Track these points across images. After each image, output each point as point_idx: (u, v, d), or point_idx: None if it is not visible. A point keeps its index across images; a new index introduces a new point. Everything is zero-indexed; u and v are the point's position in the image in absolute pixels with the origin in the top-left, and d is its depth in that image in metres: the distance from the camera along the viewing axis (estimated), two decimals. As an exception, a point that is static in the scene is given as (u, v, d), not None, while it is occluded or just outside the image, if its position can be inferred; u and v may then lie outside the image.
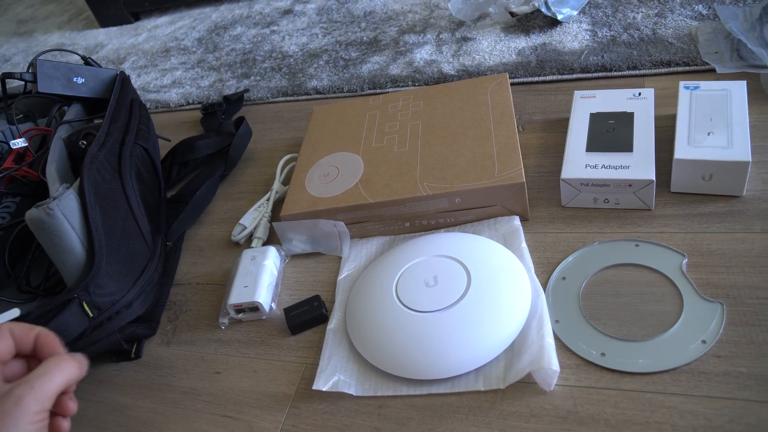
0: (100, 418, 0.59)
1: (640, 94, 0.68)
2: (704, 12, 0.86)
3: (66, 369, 0.41)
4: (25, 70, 0.76)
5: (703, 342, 0.49)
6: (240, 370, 0.59)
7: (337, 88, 0.97)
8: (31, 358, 0.44)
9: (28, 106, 0.83)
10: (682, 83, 0.67)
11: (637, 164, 0.60)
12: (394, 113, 0.77)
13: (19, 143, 0.71)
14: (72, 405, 0.43)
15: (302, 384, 0.56)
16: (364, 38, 1.10)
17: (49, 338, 0.44)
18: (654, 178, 0.58)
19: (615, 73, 0.80)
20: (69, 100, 0.80)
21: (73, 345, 0.57)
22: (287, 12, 1.31)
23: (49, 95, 0.77)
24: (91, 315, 0.57)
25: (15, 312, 0.54)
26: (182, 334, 0.65)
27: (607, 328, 0.52)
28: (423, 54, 0.98)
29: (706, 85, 0.66)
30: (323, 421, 0.52)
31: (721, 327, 0.49)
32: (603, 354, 0.50)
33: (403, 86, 0.93)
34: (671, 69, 0.78)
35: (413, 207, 0.64)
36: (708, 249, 0.56)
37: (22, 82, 0.79)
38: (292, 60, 1.11)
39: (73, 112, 0.77)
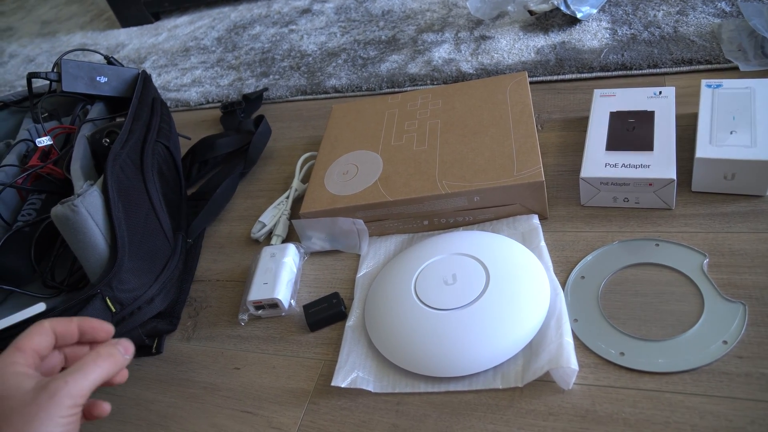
0: (121, 411, 0.60)
1: (660, 92, 0.68)
2: (727, 9, 0.84)
3: (102, 365, 0.41)
4: (49, 70, 0.77)
5: (725, 342, 0.48)
6: (259, 366, 0.60)
7: (356, 87, 0.98)
8: (76, 347, 0.45)
9: (52, 104, 0.85)
10: (704, 81, 0.66)
11: (658, 163, 0.59)
12: (412, 112, 0.77)
13: (44, 141, 0.73)
14: (105, 407, 0.45)
15: (321, 380, 0.57)
16: (383, 37, 1.10)
17: (92, 324, 0.45)
18: (675, 177, 0.58)
19: (635, 72, 0.80)
20: (92, 98, 0.81)
21: (96, 339, 0.58)
22: (306, 11, 1.32)
23: (73, 94, 0.79)
24: (113, 310, 0.58)
25: (41, 306, 0.55)
26: (202, 330, 0.66)
27: (627, 327, 0.52)
28: (441, 53, 0.98)
29: (729, 84, 0.65)
30: (341, 417, 0.53)
31: (743, 328, 0.49)
32: (622, 353, 0.50)
33: (421, 85, 0.93)
34: (693, 67, 0.77)
35: (432, 205, 0.64)
36: (730, 249, 0.55)
37: (47, 82, 0.80)
38: (310, 59, 1.12)
39: (96, 110, 0.78)
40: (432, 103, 0.77)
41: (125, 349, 0.44)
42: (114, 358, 0.42)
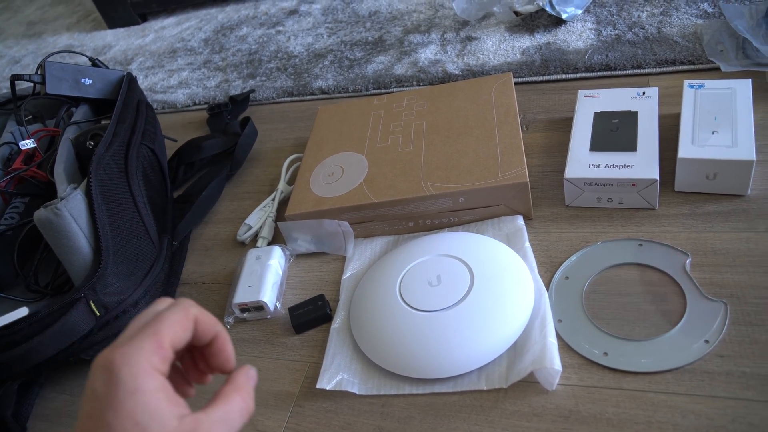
0: (107, 416, 0.60)
1: (644, 93, 0.68)
2: (710, 10, 0.85)
3: (245, 416, 0.35)
4: (34, 72, 0.77)
5: (706, 342, 0.49)
6: (245, 368, 0.60)
7: (342, 88, 0.98)
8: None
9: (36, 107, 0.84)
10: (686, 82, 0.67)
11: (641, 163, 0.60)
12: (398, 113, 0.77)
13: (28, 144, 0.72)
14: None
15: (306, 383, 0.57)
16: (369, 38, 1.10)
17: (227, 347, 0.37)
18: (658, 178, 0.58)
19: (619, 72, 0.80)
20: (77, 101, 0.80)
21: (80, 344, 0.57)
22: (293, 12, 1.31)
23: (58, 96, 0.78)
24: (98, 314, 0.57)
25: (24, 311, 0.55)
26: (188, 333, 0.66)
27: (610, 327, 0.52)
28: (427, 54, 0.98)
29: (711, 84, 0.65)
30: (327, 420, 0.53)
31: (725, 327, 0.49)
32: (605, 353, 0.50)
33: (407, 86, 0.93)
34: (676, 68, 0.77)
35: (417, 207, 0.64)
36: (712, 248, 0.55)
37: (31, 84, 0.80)
38: (297, 60, 1.11)
39: (80, 113, 0.78)
40: (418, 104, 0.77)
41: (253, 386, 0.37)
42: (249, 406, 0.35)
